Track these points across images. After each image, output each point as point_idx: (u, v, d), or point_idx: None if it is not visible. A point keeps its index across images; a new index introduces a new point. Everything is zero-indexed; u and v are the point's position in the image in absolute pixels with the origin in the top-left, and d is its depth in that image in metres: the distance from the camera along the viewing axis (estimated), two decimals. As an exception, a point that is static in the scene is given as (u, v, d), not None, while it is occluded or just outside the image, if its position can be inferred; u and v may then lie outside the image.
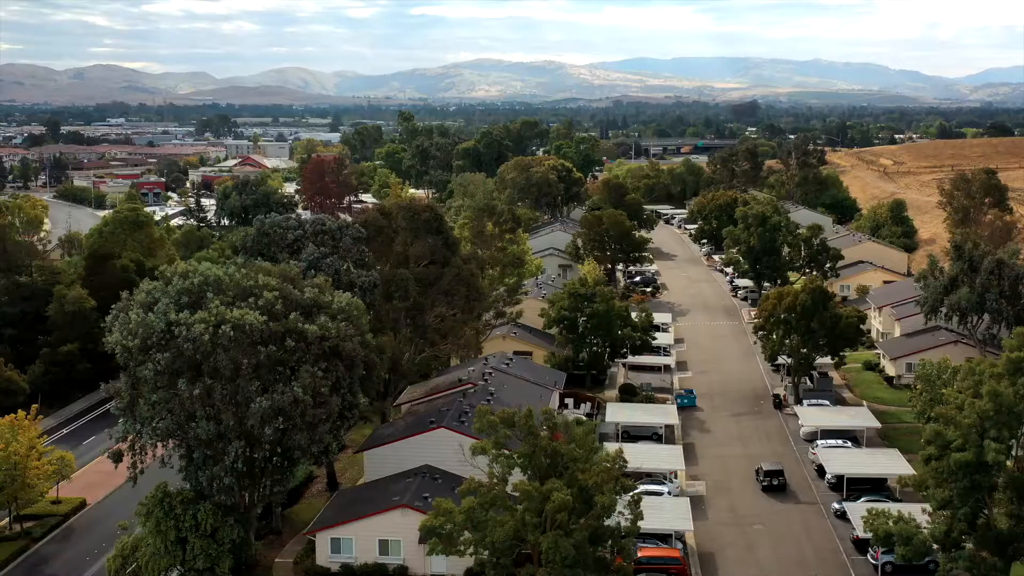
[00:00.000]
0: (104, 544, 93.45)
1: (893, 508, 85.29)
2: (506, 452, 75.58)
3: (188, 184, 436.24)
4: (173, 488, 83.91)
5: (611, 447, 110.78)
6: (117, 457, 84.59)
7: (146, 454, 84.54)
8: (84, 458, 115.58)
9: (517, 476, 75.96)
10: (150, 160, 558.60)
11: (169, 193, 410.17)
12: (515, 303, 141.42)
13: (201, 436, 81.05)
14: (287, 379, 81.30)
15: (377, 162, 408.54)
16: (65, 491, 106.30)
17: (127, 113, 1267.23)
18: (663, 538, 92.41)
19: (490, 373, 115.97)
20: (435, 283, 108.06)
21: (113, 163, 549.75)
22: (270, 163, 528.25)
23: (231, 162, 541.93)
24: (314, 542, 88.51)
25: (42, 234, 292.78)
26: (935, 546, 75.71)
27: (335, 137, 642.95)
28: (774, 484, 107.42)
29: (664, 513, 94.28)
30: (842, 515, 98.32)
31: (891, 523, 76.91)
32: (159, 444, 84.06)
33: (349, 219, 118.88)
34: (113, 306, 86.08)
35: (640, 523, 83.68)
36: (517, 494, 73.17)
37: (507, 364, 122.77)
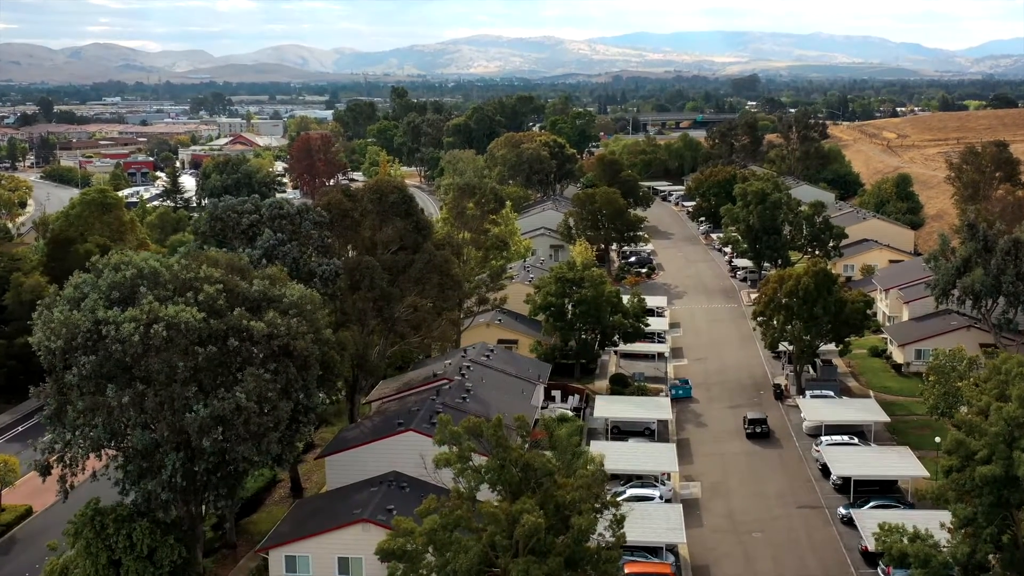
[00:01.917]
0: (48, 557, 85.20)
1: (906, 518, 77.37)
2: (472, 465, 67.23)
3: (177, 163, 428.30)
4: (108, 504, 75.53)
5: (598, 446, 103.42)
6: (45, 470, 75.93)
7: (78, 466, 75.86)
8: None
9: (488, 491, 67.81)
10: (140, 139, 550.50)
11: (157, 173, 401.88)
12: (499, 288, 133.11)
13: (136, 447, 72.74)
14: (230, 383, 72.79)
15: (369, 139, 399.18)
16: (10, 497, 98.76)
17: (123, 92, 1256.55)
18: (653, 551, 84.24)
19: (468, 367, 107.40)
20: (405, 271, 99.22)
21: (103, 142, 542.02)
22: (262, 141, 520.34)
23: (223, 140, 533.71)
24: (267, 560, 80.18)
25: (22, 217, 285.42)
26: (956, 568, 67.07)
27: (331, 114, 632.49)
28: (757, 431, 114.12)
29: (654, 522, 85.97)
30: (849, 521, 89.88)
31: (906, 540, 68.35)
32: (91, 455, 75.45)
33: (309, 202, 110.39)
34: (39, 301, 77.82)
35: (628, 534, 76.58)
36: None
37: (487, 356, 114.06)
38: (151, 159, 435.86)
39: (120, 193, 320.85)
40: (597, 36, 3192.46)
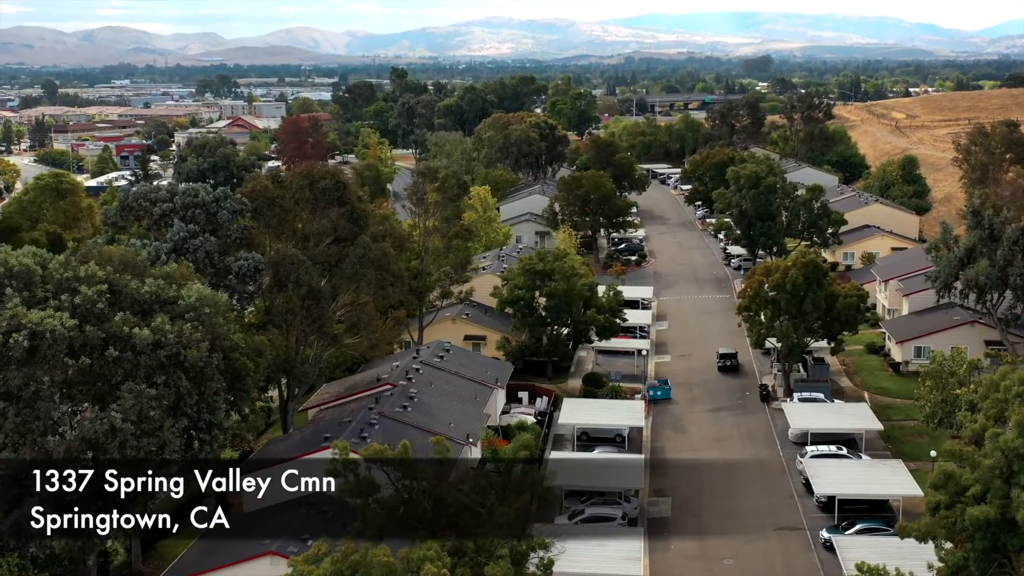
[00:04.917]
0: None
1: (893, 547, 67.87)
2: (377, 498, 57.70)
3: (174, 146, 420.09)
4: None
5: (560, 457, 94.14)
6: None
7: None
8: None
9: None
10: (139, 122, 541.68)
11: (152, 156, 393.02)
12: (463, 281, 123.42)
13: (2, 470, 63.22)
14: (110, 400, 63.20)
15: (366, 121, 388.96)
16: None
17: (133, 75, 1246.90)
18: (607, 584, 74.47)
19: (417, 369, 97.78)
20: (338, 265, 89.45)
21: (101, 125, 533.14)
22: (262, 124, 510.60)
23: (221, 123, 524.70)
24: (165, 597, 70.85)
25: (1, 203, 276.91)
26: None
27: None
28: (727, 365, 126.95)
29: (609, 551, 76.14)
30: (832, 547, 79.89)
31: (887, 584, 58.49)
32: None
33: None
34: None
35: (577, 565, 67.94)
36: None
37: (441, 357, 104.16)
38: (146, 142, 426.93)
39: (106, 177, 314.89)
40: (609, 17, 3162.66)
